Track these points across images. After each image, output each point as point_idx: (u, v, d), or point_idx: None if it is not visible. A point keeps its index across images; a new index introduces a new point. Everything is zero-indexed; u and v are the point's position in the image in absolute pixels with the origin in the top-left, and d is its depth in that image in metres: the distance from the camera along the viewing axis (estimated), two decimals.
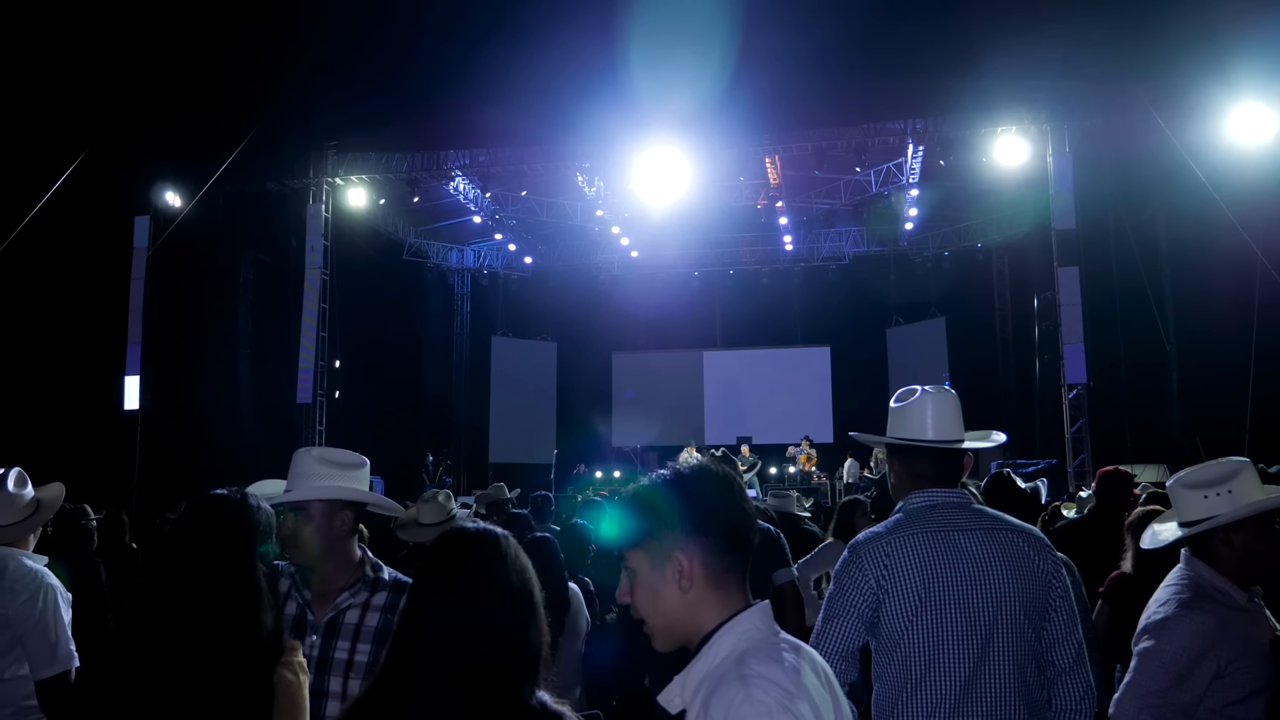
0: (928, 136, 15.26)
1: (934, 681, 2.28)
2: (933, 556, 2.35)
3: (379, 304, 19.00)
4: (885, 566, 2.36)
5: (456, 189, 17.84)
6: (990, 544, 2.37)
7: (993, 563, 2.34)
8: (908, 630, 2.32)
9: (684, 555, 1.53)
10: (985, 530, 2.40)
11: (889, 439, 2.56)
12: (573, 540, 5.07)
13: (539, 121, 15.12)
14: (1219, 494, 2.56)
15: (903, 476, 2.56)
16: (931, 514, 2.43)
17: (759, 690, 1.38)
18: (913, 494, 2.50)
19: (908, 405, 2.53)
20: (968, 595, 2.31)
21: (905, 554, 2.36)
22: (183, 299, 16.10)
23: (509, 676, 1.61)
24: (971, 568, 2.33)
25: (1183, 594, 2.53)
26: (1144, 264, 14.60)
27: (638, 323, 22.09)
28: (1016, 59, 13.29)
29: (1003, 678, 2.27)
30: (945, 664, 2.28)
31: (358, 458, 2.70)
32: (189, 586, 2.04)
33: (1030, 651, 2.33)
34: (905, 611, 2.33)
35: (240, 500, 2.19)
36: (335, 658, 2.43)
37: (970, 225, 20.07)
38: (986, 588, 2.32)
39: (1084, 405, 14.33)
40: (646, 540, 1.56)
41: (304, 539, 2.49)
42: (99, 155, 13.89)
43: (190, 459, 14.20)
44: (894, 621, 2.34)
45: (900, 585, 2.34)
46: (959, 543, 2.37)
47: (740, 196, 18.54)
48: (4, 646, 3.04)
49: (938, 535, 2.38)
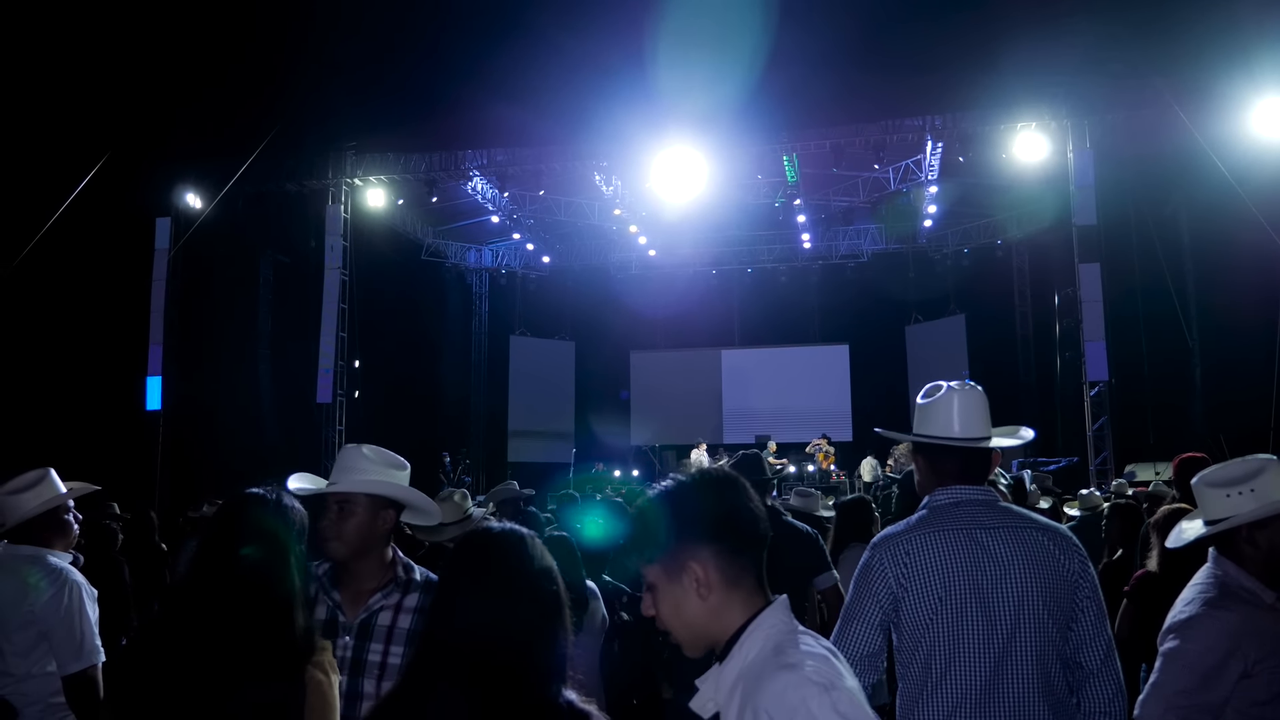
0: (947, 133, 15.17)
1: (955, 679, 2.27)
2: (954, 554, 2.32)
3: (398, 304, 19.09)
4: (904, 564, 2.34)
5: (474, 189, 17.89)
6: (1015, 542, 2.34)
7: (1016, 561, 2.31)
8: (929, 628, 2.30)
9: (698, 564, 1.55)
10: (1009, 528, 2.37)
11: (914, 436, 2.54)
12: (561, 554, 5.03)
13: (556, 121, 15.15)
14: (1242, 492, 2.54)
15: (928, 473, 2.53)
16: (955, 511, 2.41)
17: (810, 672, 1.43)
18: (937, 491, 2.48)
19: (934, 402, 2.51)
20: (989, 593, 2.29)
21: (925, 552, 2.34)
22: (203, 300, 16.23)
23: (536, 676, 1.61)
24: (993, 566, 2.31)
25: (1209, 593, 2.50)
26: (1166, 260, 14.46)
27: (655, 321, 22.10)
28: (1037, 54, 13.19)
29: (1025, 677, 2.25)
30: (966, 662, 2.26)
31: (402, 460, 2.65)
32: (223, 584, 2.04)
33: (1055, 651, 2.30)
34: (925, 609, 2.30)
35: (275, 499, 2.20)
36: (368, 660, 2.41)
37: (990, 222, 19.95)
38: (1009, 586, 2.29)
39: (1106, 402, 14.22)
40: (659, 555, 1.58)
41: (346, 533, 2.46)
42: (120, 158, 14.01)
43: (211, 459, 14.31)
44: (915, 619, 2.32)
45: (920, 583, 2.32)
46: (982, 540, 2.34)
47: (758, 194, 18.51)
48: (30, 643, 3.08)
49: (960, 533, 2.35)
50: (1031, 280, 20.21)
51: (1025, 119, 14.47)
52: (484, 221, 20.09)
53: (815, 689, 1.41)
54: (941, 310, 21.00)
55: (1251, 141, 12.92)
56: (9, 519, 3.24)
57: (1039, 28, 12.85)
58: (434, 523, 2.86)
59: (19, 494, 3.26)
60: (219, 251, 16.21)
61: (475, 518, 5.07)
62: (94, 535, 5.81)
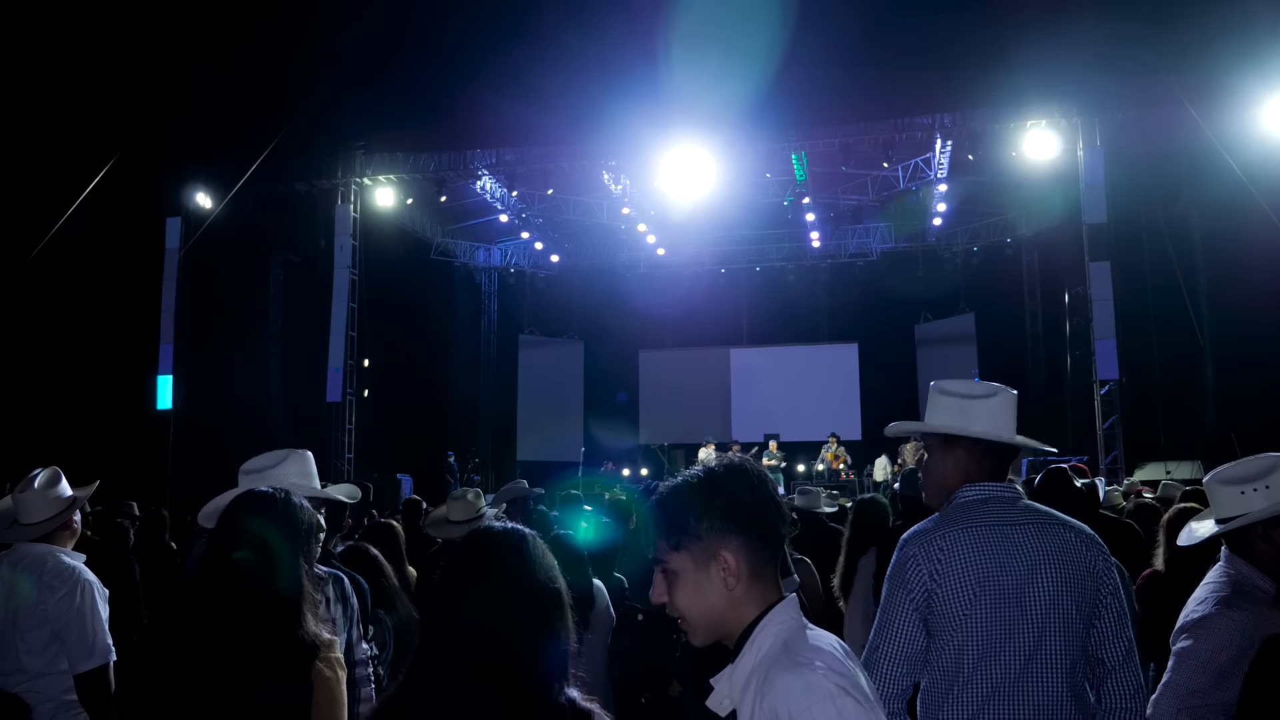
0: (956, 131, 15.13)
1: (985, 675, 2.26)
2: (986, 551, 2.31)
3: (407, 303, 19.12)
4: (938, 561, 2.32)
5: (483, 188, 17.92)
6: (1042, 539, 2.33)
7: (1045, 557, 2.31)
8: (961, 625, 2.29)
9: (729, 553, 1.55)
10: (1036, 525, 2.36)
11: (945, 428, 2.48)
12: (565, 553, 5.03)
13: (565, 120, 15.15)
14: (1256, 489, 2.53)
15: (963, 470, 2.47)
16: (983, 508, 2.39)
17: (816, 675, 1.44)
18: (967, 487, 2.44)
19: (989, 401, 2.48)
20: (1021, 590, 2.28)
21: (958, 549, 2.32)
22: (214, 299, 16.29)
23: (537, 674, 1.62)
24: (1024, 563, 2.30)
25: (1222, 592, 2.49)
26: (1177, 258, 14.38)
27: (664, 320, 22.09)
28: (1047, 52, 13.15)
29: (1054, 673, 2.25)
30: (998, 658, 2.26)
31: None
32: (231, 584, 2.05)
33: (1081, 648, 2.30)
34: (959, 607, 2.29)
35: (283, 498, 2.21)
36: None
37: (999, 220, 19.89)
38: (1039, 583, 2.29)
39: (1116, 401, 14.16)
40: (688, 541, 1.58)
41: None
42: (130, 158, 14.08)
43: (221, 458, 14.31)
44: (947, 617, 2.31)
45: (954, 580, 2.30)
46: (1012, 537, 2.33)
47: (767, 193, 18.48)
48: (43, 642, 3.09)
49: (990, 530, 2.34)
50: (1041, 279, 20.13)
51: (1035, 117, 14.41)
52: (493, 221, 20.11)
53: (822, 695, 1.42)
54: (951, 309, 20.94)
55: (1263, 139, 12.85)
56: (26, 518, 3.26)
57: (1049, 25, 12.81)
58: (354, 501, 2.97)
59: (36, 493, 3.28)
60: (229, 251, 16.26)
61: (488, 517, 5.11)
62: (106, 534, 5.84)
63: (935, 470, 2.52)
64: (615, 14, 13.15)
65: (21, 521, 3.25)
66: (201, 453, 15.20)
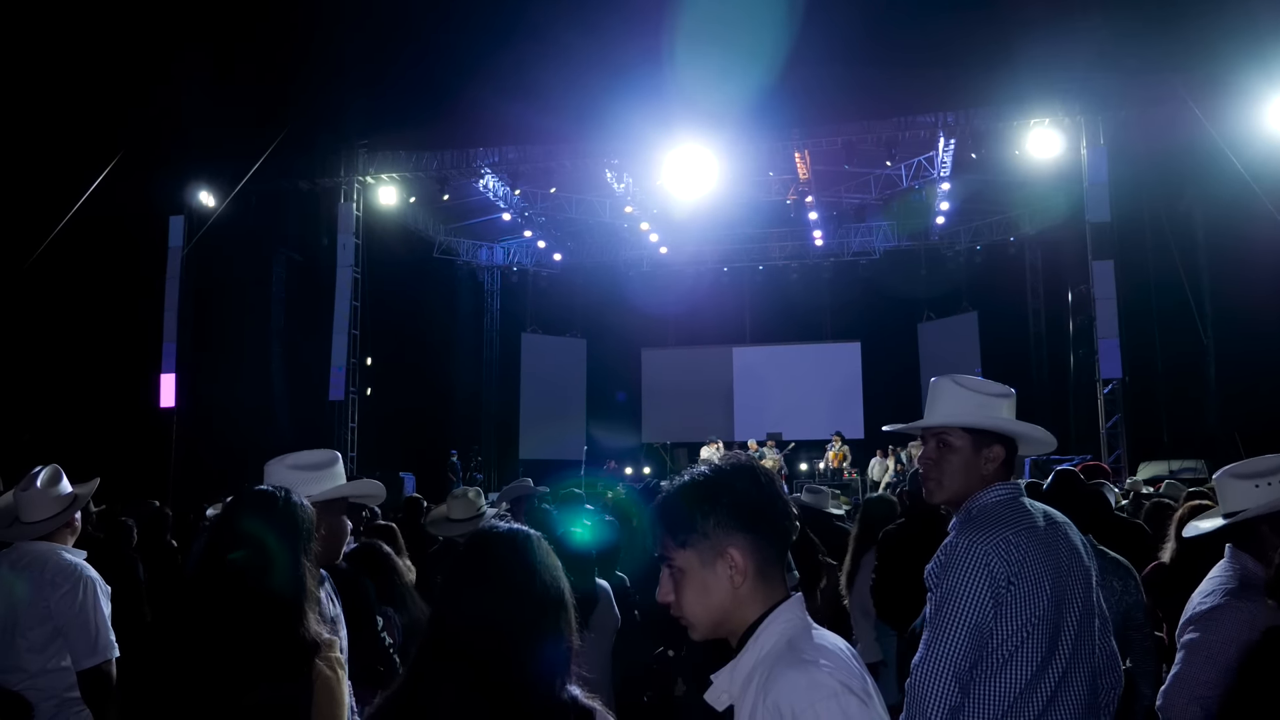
0: (959, 129, 15.12)
1: (1073, 681, 2.18)
2: (1051, 552, 2.21)
3: (410, 301, 19.13)
4: (1016, 561, 2.15)
5: (486, 186, 17.92)
6: (1069, 537, 2.31)
7: (1079, 556, 2.29)
8: (1032, 633, 2.15)
9: (737, 551, 1.55)
10: (1056, 524, 2.32)
11: (1001, 426, 2.37)
12: (568, 553, 4.99)
13: (567, 118, 15.17)
14: (1271, 483, 2.55)
15: (995, 469, 2.34)
16: (1014, 505, 2.28)
17: (821, 673, 1.44)
18: (996, 485, 2.33)
19: (998, 398, 2.41)
20: (1075, 590, 2.23)
21: (1028, 550, 2.18)
22: (216, 297, 16.31)
23: (538, 673, 1.62)
24: (1073, 562, 2.25)
25: (1229, 584, 2.51)
26: (1181, 256, 14.37)
27: (667, 319, 22.10)
28: (1050, 50, 13.14)
29: (1089, 669, 2.22)
30: (1081, 662, 2.20)
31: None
32: (230, 583, 2.05)
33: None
34: (1031, 612, 2.15)
35: (283, 497, 2.20)
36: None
37: (1002, 219, 19.87)
38: (1082, 581, 2.26)
39: (1119, 400, 14.15)
40: (695, 539, 1.57)
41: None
42: (134, 156, 14.10)
43: (223, 455, 14.38)
44: (1020, 618, 2.15)
45: (1029, 584, 2.16)
46: (1055, 535, 2.27)
47: (769, 191, 18.47)
48: (46, 638, 3.10)
49: (1040, 530, 2.24)
50: (1045, 277, 20.12)
51: (1038, 115, 14.40)
52: (495, 219, 20.13)
53: (826, 692, 1.42)
54: (954, 307, 20.92)
55: (1267, 137, 12.84)
56: (28, 516, 3.26)
57: (1052, 24, 12.81)
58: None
59: (38, 492, 3.28)
60: (232, 249, 16.28)
61: (488, 516, 5.11)
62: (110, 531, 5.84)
63: (965, 467, 2.35)
64: (617, 12, 13.16)
65: (23, 519, 3.26)
66: (203, 451, 15.24)
